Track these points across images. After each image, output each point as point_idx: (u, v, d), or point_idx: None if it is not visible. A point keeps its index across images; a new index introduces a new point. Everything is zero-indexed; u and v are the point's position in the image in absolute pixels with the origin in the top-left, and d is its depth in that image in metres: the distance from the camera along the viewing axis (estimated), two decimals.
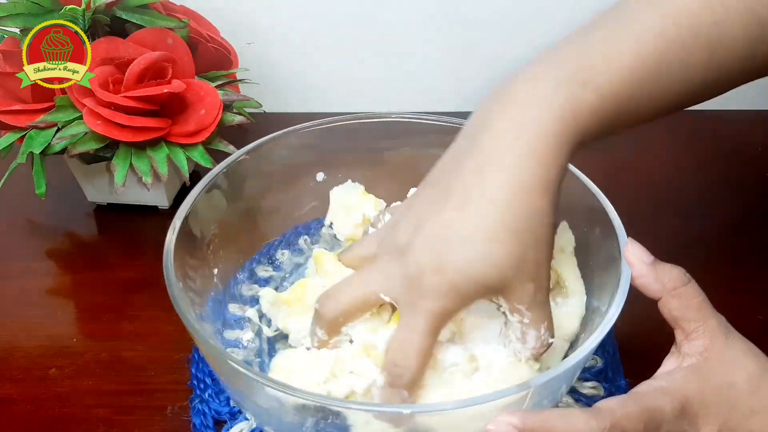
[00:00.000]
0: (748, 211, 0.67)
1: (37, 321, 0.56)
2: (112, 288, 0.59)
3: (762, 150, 0.75)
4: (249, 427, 0.47)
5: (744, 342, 0.40)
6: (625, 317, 0.40)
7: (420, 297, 0.38)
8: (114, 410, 0.49)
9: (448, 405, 0.36)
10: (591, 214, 0.47)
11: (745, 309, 0.55)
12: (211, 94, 0.61)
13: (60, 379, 0.51)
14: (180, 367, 0.52)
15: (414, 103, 0.78)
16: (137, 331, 0.55)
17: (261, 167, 0.54)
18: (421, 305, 0.38)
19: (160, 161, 0.59)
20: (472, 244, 0.37)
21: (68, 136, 0.58)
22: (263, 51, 0.76)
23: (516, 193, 0.37)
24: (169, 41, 0.61)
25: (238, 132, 0.63)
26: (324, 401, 0.38)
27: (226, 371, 0.40)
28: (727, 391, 0.38)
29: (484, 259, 0.37)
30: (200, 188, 0.49)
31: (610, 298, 0.41)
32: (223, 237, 0.51)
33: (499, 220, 0.37)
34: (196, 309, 0.45)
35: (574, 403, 0.48)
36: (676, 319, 0.39)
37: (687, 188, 0.70)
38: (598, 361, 0.51)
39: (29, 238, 0.66)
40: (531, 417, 0.35)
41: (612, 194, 0.47)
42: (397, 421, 0.37)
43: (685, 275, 0.40)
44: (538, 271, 0.39)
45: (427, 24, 0.76)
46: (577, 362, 0.38)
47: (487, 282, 0.38)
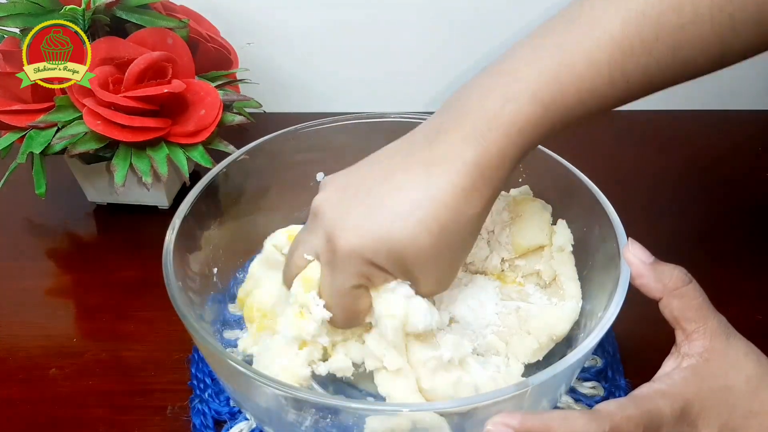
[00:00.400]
0: (749, 211, 0.67)
1: (37, 321, 0.56)
2: (112, 288, 0.59)
3: (762, 150, 0.75)
4: (249, 427, 0.47)
5: (744, 343, 0.40)
6: (625, 317, 0.40)
7: (337, 256, 0.39)
8: (114, 410, 0.49)
9: (448, 405, 0.36)
10: (591, 214, 0.47)
11: (745, 309, 0.55)
12: (211, 94, 0.61)
13: (60, 379, 0.51)
14: (180, 367, 0.52)
15: (414, 103, 0.78)
16: (137, 331, 0.55)
17: (261, 167, 0.54)
18: (336, 267, 0.40)
19: (160, 161, 0.59)
20: (404, 221, 0.38)
21: (68, 136, 0.58)
22: (263, 51, 0.76)
23: (456, 196, 0.39)
24: (169, 41, 0.61)
25: (238, 132, 0.63)
26: (324, 400, 0.38)
27: (226, 371, 0.40)
28: (727, 392, 0.38)
29: (411, 239, 0.38)
30: (200, 188, 0.49)
31: (609, 297, 0.42)
32: (223, 237, 0.51)
33: (432, 214, 0.38)
34: (196, 309, 0.45)
35: (574, 403, 0.48)
36: (676, 319, 0.39)
37: (687, 188, 0.70)
38: (598, 361, 0.51)
39: (29, 238, 0.66)
40: (530, 418, 0.35)
41: (612, 194, 0.47)
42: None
43: (686, 275, 0.40)
44: (448, 275, 0.42)
45: (426, 24, 0.76)
46: (575, 361, 0.38)
47: (402, 261, 0.39)
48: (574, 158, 0.50)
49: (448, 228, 0.39)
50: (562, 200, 0.51)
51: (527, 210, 0.50)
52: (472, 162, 0.39)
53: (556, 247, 0.49)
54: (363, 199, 0.40)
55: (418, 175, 0.39)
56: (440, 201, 0.39)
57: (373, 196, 0.40)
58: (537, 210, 0.50)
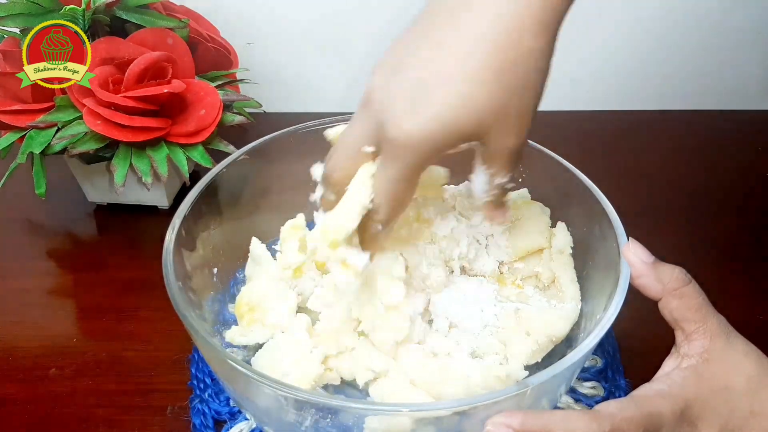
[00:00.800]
0: (749, 211, 0.67)
1: (37, 321, 0.56)
2: (112, 288, 0.59)
3: (762, 150, 0.75)
4: (249, 427, 0.47)
5: (744, 343, 0.40)
6: (625, 317, 0.40)
7: (395, 146, 0.36)
8: (114, 410, 0.49)
9: (448, 404, 0.36)
10: (591, 214, 0.47)
11: (745, 309, 0.55)
12: (211, 94, 0.61)
13: (60, 379, 0.51)
14: (180, 367, 0.52)
15: None
16: (137, 331, 0.55)
17: (261, 167, 0.54)
18: (396, 154, 0.37)
19: (160, 161, 0.59)
20: (452, 85, 0.35)
21: (68, 136, 0.58)
22: (263, 51, 0.76)
23: (506, 29, 0.34)
24: (169, 41, 0.61)
25: (238, 132, 0.63)
26: (324, 401, 0.38)
27: (226, 371, 0.40)
28: (727, 392, 0.38)
29: (464, 102, 0.35)
30: (200, 188, 0.49)
31: (609, 298, 0.41)
32: (223, 237, 0.51)
33: (483, 60, 0.34)
34: (196, 309, 0.45)
35: (574, 403, 0.48)
36: (676, 319, 0.39)
37: (687, 188, 0.70)
38: (598, 361, 0.51)
39: (29, 238, 0.66)
40: (530, 419, 0.35)
41: (612, 194, 0.47)
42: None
43: (686, 276, 0.40)
44: (520, 122, 0.36)
45: None
46: (575, 361, 0.38)
47: (463, 129, 0.36)
48: (574, 158, 0.50)
49: (506, 70, 0.34)
50: (562, 200, 0.51)
51: (526, 213, 0.50)
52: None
53: (555, 249, 0.49)
54: (408, 75, 0.36)
55: (459, 21, 0.35)
56: (490, 40, 0.34)
57: (416, 66, 0.36)
58: (535, 213, 0.50)
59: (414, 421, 0.37)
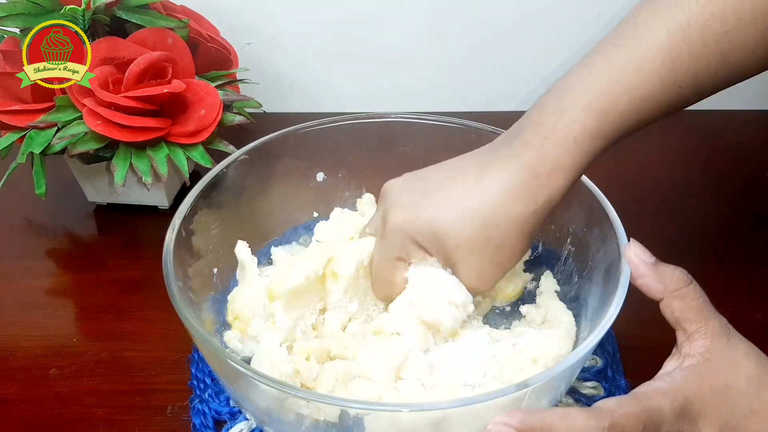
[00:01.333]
0: (749, 211, 0.67)
1: (37, 321, 0.56)
2: (112, 288, 0.59)
3: (762, 150, 0.75)
4: (249, 427, 0.47)
5: (745, 343, 0.40)
6: (625, 317, 0.40)
7: (384, 232, 0.44)
8: (114, 410, 0.49)
9: (448, 404, 0.36)
10: (591, 214, 0.47)
11: (745, 309, 0.54)
12: (211, 94, 0.61)
13: (60, 379, 0.51)
14: (180, 367, 0.52)
15: (414, 104, 0.78)
16: (137, 331, 0.55)
17: (261, 167, 0.54)
18: (384, 237, 0.45)
19: (160, 161, 0.59)
20: (449, 207, 0.42)
21: (68, 136, 0.58)
22: (263, 51, 0.76)
23: (504, 192, 0.41)
24: (169, 41, 0.61)
25: (238, 132, 0.63)
26: (324, 400, 0.38)
27: (226, 371, 0.40)
28: (728, 391, 0.38)
29: (452, 224, 0.42)
30: (200, 188, 0.49)
31: (609, 297, 0.41)
32: (223, 237, 0.51)
33: (476, 205, 0.42)
34: (195, 309, 0.45)
35: (574, 403, 0.48)
36: (677, 320, 0.39)
37: (687, 188, 0.70)
38: (598, 361, 0.51)
39: (29, 238, 0.66)
40: (530, 417, 0.35)
41: (612, 194, 0.47)
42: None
43: (687, 276, 0.40)
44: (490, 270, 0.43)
45: (426, 25, 0.76)
46: (575, 362, 0.38)
47: (442, 244, 0.42)
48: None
49: (491, 221, 0.41)
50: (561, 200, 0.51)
51: None
52: (526, 164, 0.41)
53: (542, 290, 0.49)
54: (422, 186, 0.44)
55: (474, 172, 0.43)
56: (487, 195, 0.41)
57: (431, 185, 0.44)
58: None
59: (414, 422, 0.37)
